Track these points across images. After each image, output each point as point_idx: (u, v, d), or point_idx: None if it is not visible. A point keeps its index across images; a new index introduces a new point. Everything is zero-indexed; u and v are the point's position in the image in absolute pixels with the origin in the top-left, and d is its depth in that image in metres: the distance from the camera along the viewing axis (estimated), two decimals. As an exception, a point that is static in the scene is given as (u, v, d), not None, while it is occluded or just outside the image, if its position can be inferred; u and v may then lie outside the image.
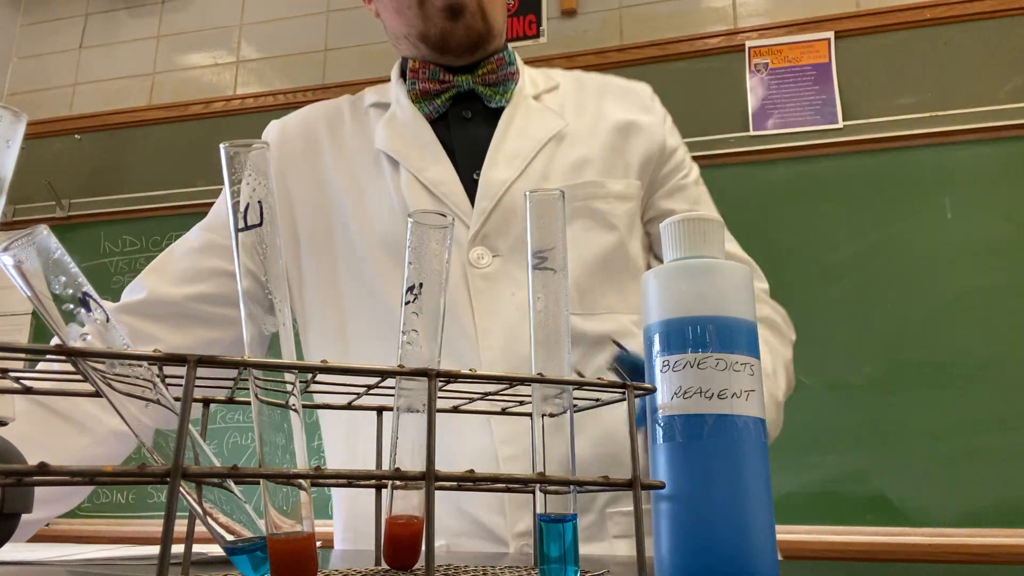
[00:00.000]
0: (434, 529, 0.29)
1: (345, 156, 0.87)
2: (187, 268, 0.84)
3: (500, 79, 0.86)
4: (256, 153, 0.31)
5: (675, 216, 0.41)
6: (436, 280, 0.36)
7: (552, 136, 0.84)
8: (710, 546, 0.35)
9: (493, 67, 0.86)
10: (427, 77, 0.85)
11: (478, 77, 0.86)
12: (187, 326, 0.82)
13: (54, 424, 0.73)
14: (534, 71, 0.93)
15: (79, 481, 0.27)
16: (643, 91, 0.95)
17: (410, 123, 0.84)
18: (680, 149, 0.93)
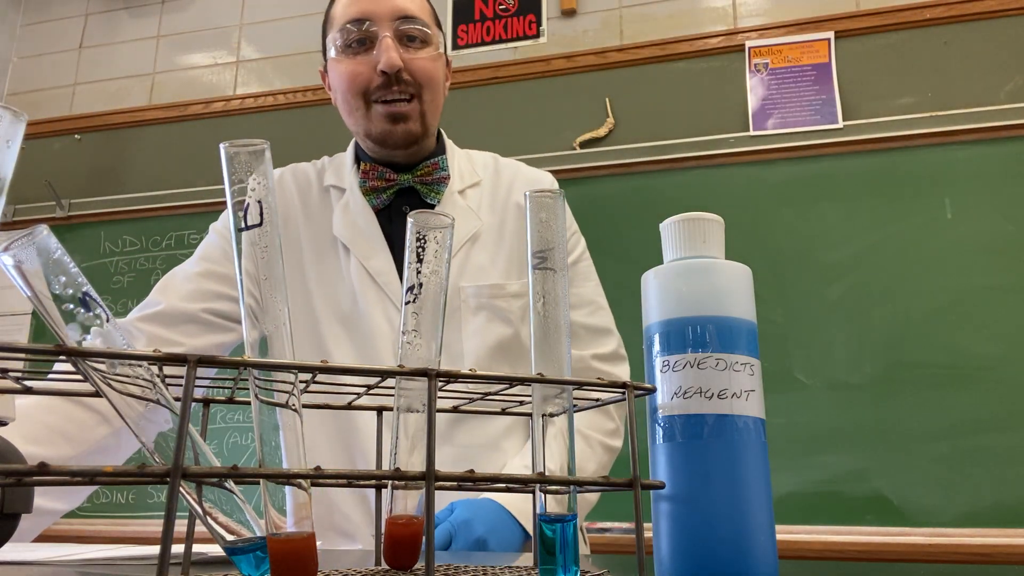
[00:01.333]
0: (434, 529, 0.29)
1: (311, 228, 1.00)
2: (193, 290, 0.95)
3: (434, 181, 0.99)
4: (256, 153, 0.31)
5: (675, 216, 0.41)
6: (436, 280, 0.36)
7: (469, 237, 0.98)
8: (710, 546, 0.35)
9: (429, 170, 0.99)
10: (375, 177, 0.99)
11: (416, 177, 0.99)
12: (202, 333, 0.94)
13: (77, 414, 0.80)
14: (463, 160, 1.05)
15: (79, 481, 0.27)
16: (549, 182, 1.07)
17: (360, 214, 0.98)
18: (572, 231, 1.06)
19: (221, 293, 0.95)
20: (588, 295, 1.01)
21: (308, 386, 0.38)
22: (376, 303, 0.93)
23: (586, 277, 1.03)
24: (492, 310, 0.94)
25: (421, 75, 0.94)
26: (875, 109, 1.79)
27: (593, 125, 1.95)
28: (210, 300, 0.94)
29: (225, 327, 0.95)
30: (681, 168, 1.87)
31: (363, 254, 0.95)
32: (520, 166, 1.08)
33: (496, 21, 2.11)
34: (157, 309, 0.92)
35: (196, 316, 0.93)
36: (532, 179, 1.06)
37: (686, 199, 1.83)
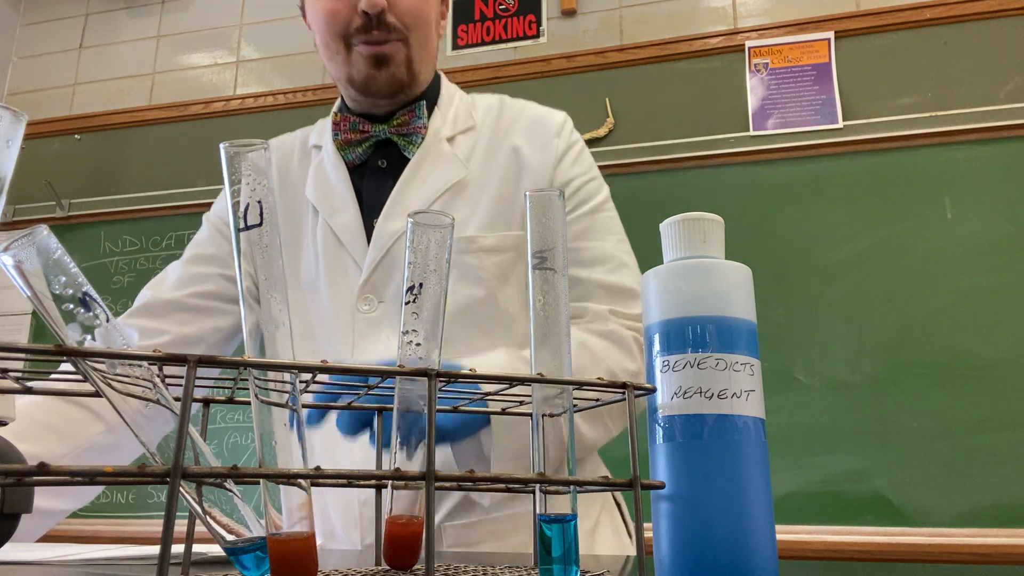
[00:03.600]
0: (434, 529, 0.29)
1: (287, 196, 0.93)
2: (181, 276, 0.92)
3: (411, 131, 0.89)
4: (256, 153, 0.31)
5: (675, 216, 0.41)
6: (436, 280, 0.36)
7: (450, 187, 0.87)
8: (710, 546, 0.35)
9: (406, 119, 0.89)
10: (348, 128, 0.90)
11: (392, 127, 0.89)
12: (191, 320, 0.89)
13: (69, 410, 0.78)
14: (464, 103, 0.95)
15: (79, 481, 0.27)
16: (551, 124, 0.92)
17: (332, 172, 0.90)
18: (575, 181, 0.90)
19: (207, 274, 0.91)
20: (608, 250, 0.86)
21: (308, 386, 0.38)
22: (338, 266, 0.85)
23: (607, 230, 0.88)
24: (460, 268, 0.83)
25: (408, 16, 0.84)
26: (875, 109, 1.79)
27: (593, 125, 1.95)
28: (197, 283, 0.90)
29: (217, 310, 0.90)
30: (681, 168, 1.87)
31: (329, 212, 0.87)
32: (528, 105, 0.96)
33: (496, 21, 2.11)
34: (142, 302, 0.89)
35: (183, 303, 0.89)
36: (537, 118, 0.93)
37: (686, 199, 1.83)
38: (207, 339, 0.90)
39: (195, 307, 0.89)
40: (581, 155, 0.92)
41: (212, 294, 0.90)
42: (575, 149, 0.92)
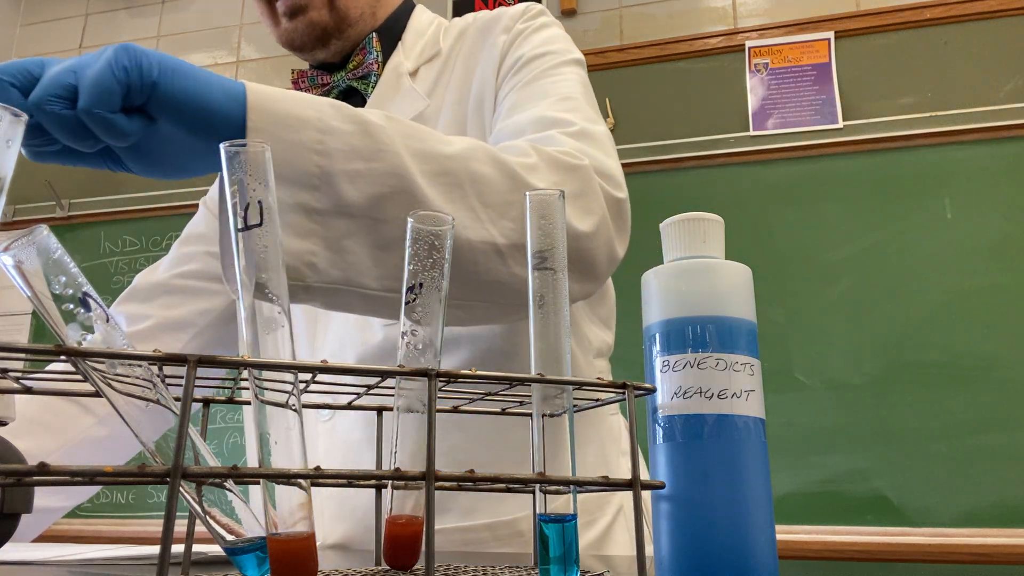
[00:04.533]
0: (434, 529, 0.29)
1: None
2: (171, 257, 0.89)
3: (365, 71, 0.83)
4: (256, 153, 0.31)
5: (675, 216, 0.41)
6: (436, 280, 0.36)
7: None
8: (710, 546, 0.35)
9: (359, 60, 0.83)
10: (307, 85, 0.85)
11: (349, 73, 0.83)
12: (177, 303, 0.85)
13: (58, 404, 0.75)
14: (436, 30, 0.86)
15: (79, 481, 0.27)
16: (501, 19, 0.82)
17: None
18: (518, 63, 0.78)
19: (194, 253, 0.86)
20: (534, 115, 0.71)
21: (308, 386, 0.38)
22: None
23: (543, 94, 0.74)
24: None
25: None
26: (875, 109, 1.79)
27: (593, 125, 1.95)
28: (183, 263, 0.86)
29: (204, 290, 0.85)
30: (681, 168, 1.87)
31: None
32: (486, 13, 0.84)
33: (496, 21, 2.11)
34: (130, 287, 0.86)
35: (168, 285, 0.85)
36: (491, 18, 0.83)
37: (686, 199, 1.83)
38: (196, 322, 0.85)
39: (181, 288, 0.85)
40: (531, 36, 0.80)
41: (197, 273, 0.86)
42: (525, 33, 0.80)
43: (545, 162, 0.61)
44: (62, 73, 0.45)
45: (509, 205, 0.57)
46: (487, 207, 0.56)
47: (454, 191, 0.55)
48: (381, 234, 0.52)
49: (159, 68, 0.45)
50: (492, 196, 0.57)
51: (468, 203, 0.55)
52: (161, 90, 0.45)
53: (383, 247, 0.52)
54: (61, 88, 0.44)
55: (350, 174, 0.51)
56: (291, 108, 0.50)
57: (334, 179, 0.50)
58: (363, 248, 0.51)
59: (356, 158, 0.51)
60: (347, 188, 0.51)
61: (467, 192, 0.56)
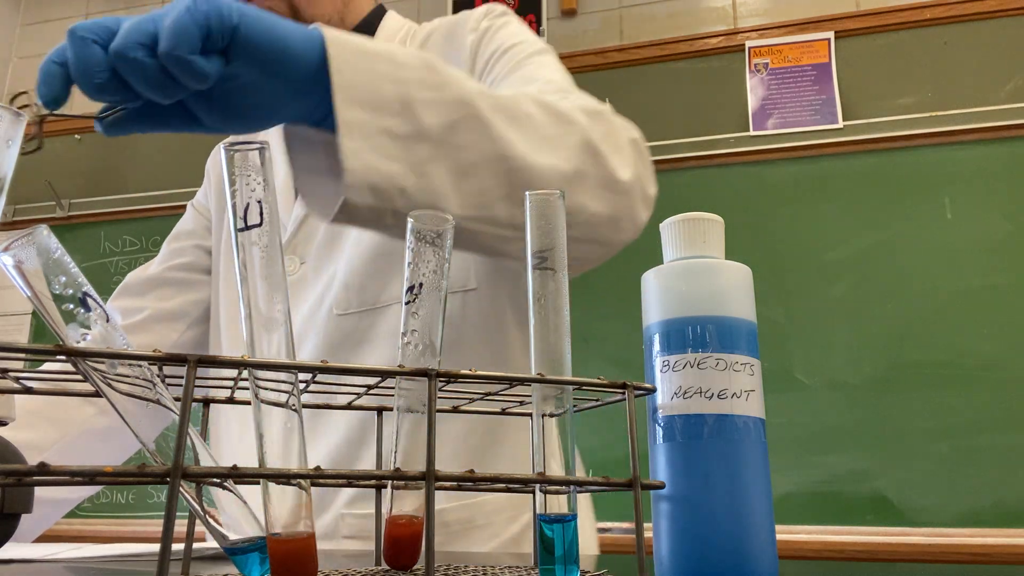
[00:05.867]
0: (434, 529, 0.29)
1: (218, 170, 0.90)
2: (162, 254, 0.91)
3: None
4: (256, 153, 0.31)
5: (675, 216, 0.41)
6: (435, 280, 0.36)
7: None
8: (710, 546, 0.35)
9: None
10: None
11: None
12: (171, 295, 0.88)
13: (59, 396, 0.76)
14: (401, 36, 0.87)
15: (79, 481, 0.27)
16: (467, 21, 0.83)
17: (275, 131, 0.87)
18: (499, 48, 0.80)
19: (184, 247, 0.90)
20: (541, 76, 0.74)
21: (308, 386, 0.38)
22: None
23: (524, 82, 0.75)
24: None
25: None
26: (875, 109, 1.79)
27: (593, 125, 1.95)
28: (175, 257, 0.89)
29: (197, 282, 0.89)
30: (681, 168, 1.87)
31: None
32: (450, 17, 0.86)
33: (496, 21, 2.11)
34: (123, 283, 0.89)
35: (161, 278, 0.88)
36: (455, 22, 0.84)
37: (686, 199, 1.83)
38: (190, 312, 0.88)
39: (174, 280, 0.88)
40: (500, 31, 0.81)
41: (189, 266, 0.89)
42: (492, 30, 0.82)
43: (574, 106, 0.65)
44: (142, 22, 0.45)
45: (561, 137, 0.61)
46: (544, 138, 0.60)
47: (515, 123, 0.58)
48: (458, 159, 0.55)
49: (239, 13, 0.46)
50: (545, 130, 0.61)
51: (528, 133, 0.59)
52: (242, 32, 0.46)
53: (461, 173, 0.55)
54: (142, 35, 0.45)
55: (425, 102, 0.53)
56: (363, 44, 0.53)
57: (413, 106, 0.53)
58: (444, 173, 0.54)
59: (426, 88, 0.54)
60: (424, 114, 0.53)
61: (524, 125, 0.59)
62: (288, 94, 0.50)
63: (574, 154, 0.61)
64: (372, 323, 0.76)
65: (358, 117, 0.50)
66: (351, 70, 0.50)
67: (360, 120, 0.50)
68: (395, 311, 0.76)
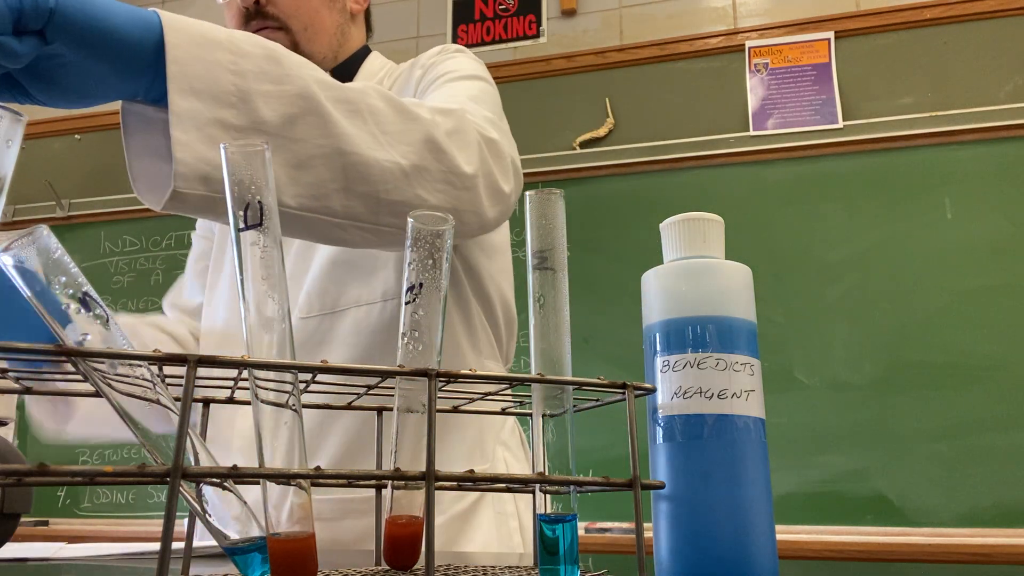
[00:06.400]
0: (434, 529, 0.29)
1: None
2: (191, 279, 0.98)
3: None
4: (256, 153, 0.31)
5: (675, 216, 0.41)
6: (435, 280, 0.36)
7: None
8: (710, 546, 0.35)
9: None
10: None
11: None
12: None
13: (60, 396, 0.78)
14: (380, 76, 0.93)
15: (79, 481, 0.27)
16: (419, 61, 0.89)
17: None
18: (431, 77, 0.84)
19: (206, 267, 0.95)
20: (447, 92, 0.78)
21: (308, 386, 0.38)
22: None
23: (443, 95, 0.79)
24: None
25: (285, 4, 0.85)
26: (875, 109, 1.79)
27: (593, 125, 1.95)
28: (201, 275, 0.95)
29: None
30: (681, 168, 1.87)
31: None
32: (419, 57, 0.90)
33: (496, 21, 2.11)
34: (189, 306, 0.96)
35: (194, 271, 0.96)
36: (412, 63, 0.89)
37: (686, 199, 1.83)
38: None
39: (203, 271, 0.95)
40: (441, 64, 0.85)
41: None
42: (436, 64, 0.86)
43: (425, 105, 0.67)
44: None
45: (403, 133, 0.63)
46: (385, 133, 0.61)
47: (356, 117, 0.60)
48: (295, 152, 0.55)
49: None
50: (388, 125, 0.62)
51: (369, 129, 0.60)
52: (59, 17, 0.46)
53: (297, 166, 0.56)
54: None
55: (264, 94, 0.54)
56: (205, 31, 0.53)
57: (250, 97, 0.53)
58: (279, 166, 0.55)
59: (266, 80, 0.55)
60: (262, 107, 0.54)
61: (366, 119, 0.60)
62: (118, 75, 0.50)
63: (415, 149, 0.62)
64: (331, 326, 0.80)
65: (192, 107, 0.50)
66: (188, 58, 0.51)
67: (194, 110, 0.50)
68: (351, 315, 0.80)
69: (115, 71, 0.49)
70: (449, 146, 0.65)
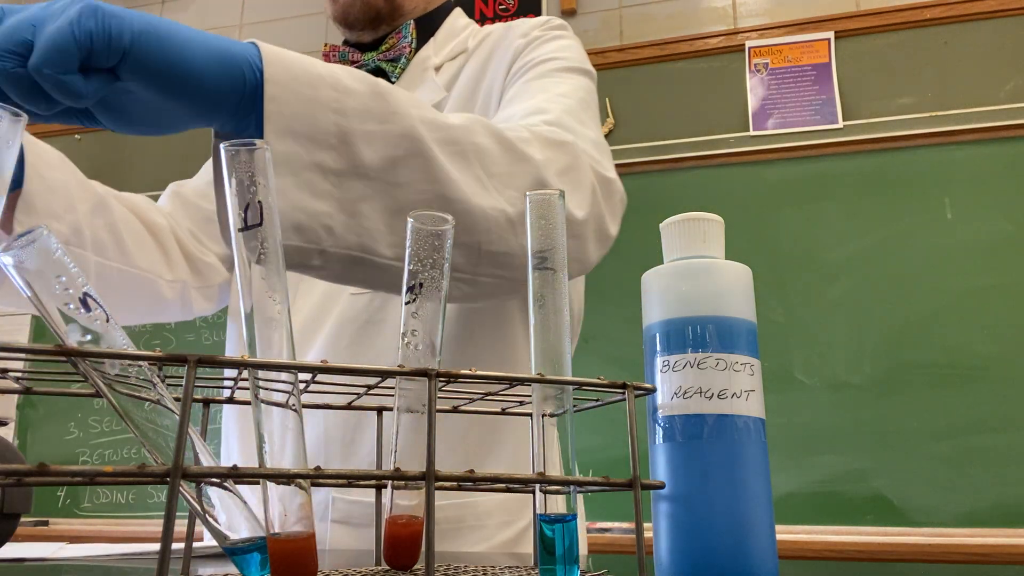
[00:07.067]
0: (434, 529, 0.29)
1: None
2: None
3: (396, 55, 0.85)
4: (257, 153, 0.31)
5: (675, 216, 0.41)
6: (436, 280, 0.36)
7: None
8: (710, 546, 0.35)
9: (393, 42, 0.86)
10: (337, 59, 0.86)
11: (380, 54, 0.86)
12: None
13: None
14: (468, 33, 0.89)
15: (79, 481, 0.27)
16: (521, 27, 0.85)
17: None
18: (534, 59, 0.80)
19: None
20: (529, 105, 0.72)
21: (308, 386, 0.38)
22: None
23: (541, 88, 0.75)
24: None
25: None
26: (875, 109, 1.79)
27: (593, 125, 1.95)
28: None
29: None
30: (681, 168, 1.87)
31: None
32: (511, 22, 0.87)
33: (496, 21, 2.11)
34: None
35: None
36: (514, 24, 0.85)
37: (686, 199, 1.83)
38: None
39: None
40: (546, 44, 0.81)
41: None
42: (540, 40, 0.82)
43: (535, 136, 0.62)
44: (20, 26, 0.41)
45: (511, 176, 0.58)
46: (492, 177, 0.56)
47: (461, 160, 0.55)
48: (395, 198, 0.51)
49: (132, 35, 0.41)
50: (495, 167, 0.57)
51: (475, 172, 0.55)
52: (133, 59, 0.42)
53: (396, 212, 0.51)
54: (15, 44, 0.40)
55: (366, 135, 0.50)
56: (308, 65, 0.49)
57: (351, 138, 0.49)
58: (378, 213, 0.50)
59: (371, 119, 0.50)
60: (364, 148, 0.49)
61: (472, 162, 0.56)
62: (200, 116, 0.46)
63: (522, 195, 0.57)
64: (383, 304, 0.76)
65: (289, 150, 0.46)
66: (288, 95, 0.47)
67: (291, 153, 0.47)
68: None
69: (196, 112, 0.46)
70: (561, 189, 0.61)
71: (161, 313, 0.84)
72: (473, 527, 0.73)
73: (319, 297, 0.79)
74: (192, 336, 2.16)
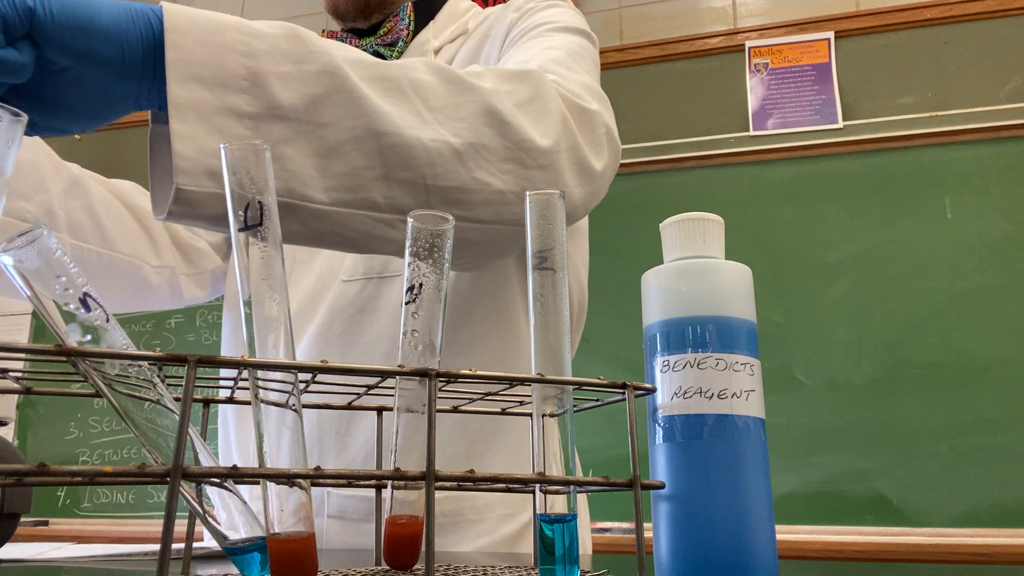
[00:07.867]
0: (434, 529, 0.29)
1: None
2: None
3: (393, 39, 0.84)
4: (256, 153, 0.31)
5: (675, 216, 0.41)
6: (435, 280, 0.36)
7: None
8: (710, 546, 0.35)
9: (391, 26, 0.85)
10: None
11: (378, 39, 0.85)
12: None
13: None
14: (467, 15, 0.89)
15: (79, 481, 0.27)
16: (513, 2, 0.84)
17: None
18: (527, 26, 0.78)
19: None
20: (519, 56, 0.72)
21: (308, 386, 0.38)
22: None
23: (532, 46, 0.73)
24: None
25: None
26: (875, 109, 1.79)
27: (593, 125, 1.94)
28: None
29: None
30: (681, 168, 1.87)
31: None
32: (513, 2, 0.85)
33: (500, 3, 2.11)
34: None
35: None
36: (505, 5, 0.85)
37: (686, 199, 1.83)
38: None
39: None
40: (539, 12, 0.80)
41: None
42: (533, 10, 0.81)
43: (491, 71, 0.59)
44: None
45: (456, 107, 0.54)
46: (433, 110, 0.53)
47: (397, 95, 0.52)
48: (322, 139, 0.49)
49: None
50: (436, 100, 0.54)
51: (412, 106, 0.53)
52: (40, 15, 0.41)
53: (325, 154, 0.49)
54: None
55: (281, 76, 0.48)
56: (213, 15, 0.47)
57: (264, 80, 0.47)
58: (303, 155, 0.48)
59: (284, 60, 0.48)
60: (279, 89, 0.48)
61: (409, 96, 0.53)
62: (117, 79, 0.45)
63: (468, 124, 0.54)
64: (376, 292, 0.75)
65: (195, 95, 0.45)
66: (190, 43, 0.45)
67: (197, 98, 0.45)
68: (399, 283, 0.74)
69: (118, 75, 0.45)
70: (516, 117, 0.56)
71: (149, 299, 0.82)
72: (472, 521, 0.72)
73: (311, 286, 0.79)
74: (192, 336, 2.16)
